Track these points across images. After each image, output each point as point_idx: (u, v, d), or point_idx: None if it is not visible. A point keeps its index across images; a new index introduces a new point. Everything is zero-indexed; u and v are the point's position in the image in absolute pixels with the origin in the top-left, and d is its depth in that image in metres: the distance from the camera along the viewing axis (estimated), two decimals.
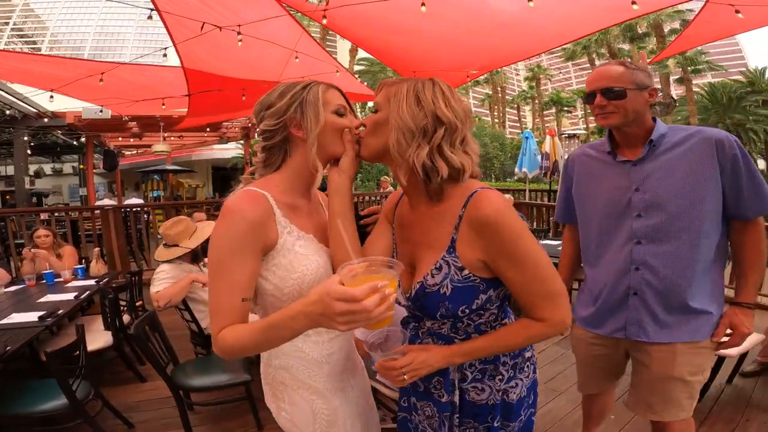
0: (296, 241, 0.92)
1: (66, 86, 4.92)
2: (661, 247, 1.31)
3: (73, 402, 1.89)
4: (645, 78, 1.31)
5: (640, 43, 23.17)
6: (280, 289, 0.90)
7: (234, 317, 0.83)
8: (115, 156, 11.47)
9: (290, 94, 0.94)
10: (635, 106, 1.30)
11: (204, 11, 3.51)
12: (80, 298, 2.99)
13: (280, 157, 0.98)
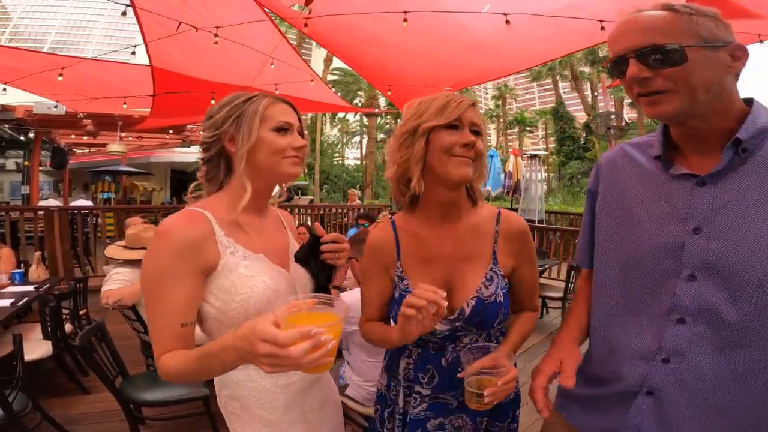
0: (241, 261, 0.87)
1: (21, 79, 4.62)
2: (722, 338, 0.73)
3: (9, 414, 1.75)
4: (717, 28, 0.72)
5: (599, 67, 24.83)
6: (224, 312, 0.85)
7: (172, 343, 0.79)
8: (65, 154, 10.76)
9: (230, 105, 0.90)
10: (708, 76, 0.72)
11: (182, 10, 3.44)
12: (17, 305, 2.77)
13: (221, 171, 0.94)
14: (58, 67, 4.34)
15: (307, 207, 9.83)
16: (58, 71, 4.31)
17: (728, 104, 0.75)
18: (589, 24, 3.70)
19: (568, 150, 27.82)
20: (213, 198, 0.94)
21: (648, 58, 0.72)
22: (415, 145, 0.94)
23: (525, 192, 7.81)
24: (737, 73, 0.76)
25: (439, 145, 0.93)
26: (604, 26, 3.67)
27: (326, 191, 25.79)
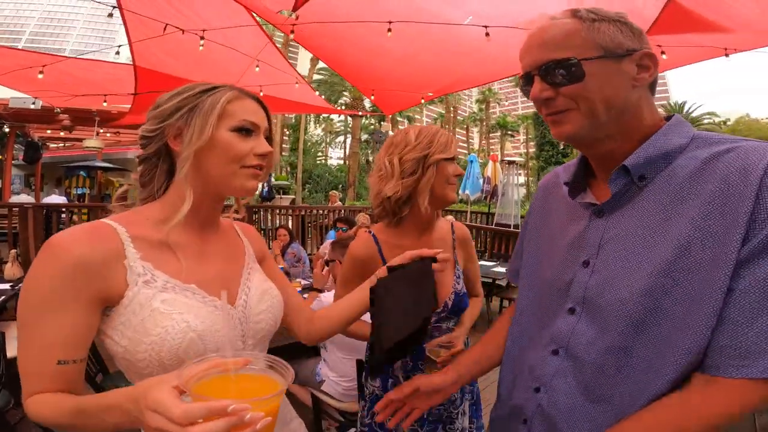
0: (158, 294, 0.68)
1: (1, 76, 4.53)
2: (584, 374, 0.69)
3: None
4: (621, 34, 0.65)
5: None
6: (132, 354, 0.66)
7: (46, 383, 0.63)
8: (39, 148, 10.45)
9: (184, 96, 0.73)
10: (608, 92, 0.65)
11: (169, 12, 3.46)
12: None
13: (161, 177, 0.76)
14: (39, 64, 4.28)
15: (288, 208, 9.83)
16: (39, 69, 4.25)
17: (635, 123, 0.68)
18: None
19: (548, 155, 28.51)
20: (141, 209, 0.76)
21: (548, 75, 0.66)
22: (426, 172, 1.11)
23: (502, 197, 8.03)
24: (650, 85, 0.69)
25: (444, 174, 1.13)
26: None
27: (308, 191, 25.70)
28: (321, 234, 7.74)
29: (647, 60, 0.66)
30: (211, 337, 0.69)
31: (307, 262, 4.46)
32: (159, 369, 0.66)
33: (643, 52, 0.66)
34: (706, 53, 3.95)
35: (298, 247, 4.56)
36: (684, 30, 3.48)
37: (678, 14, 3.21)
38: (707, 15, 3.25)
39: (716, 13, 3.20)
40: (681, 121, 0.70)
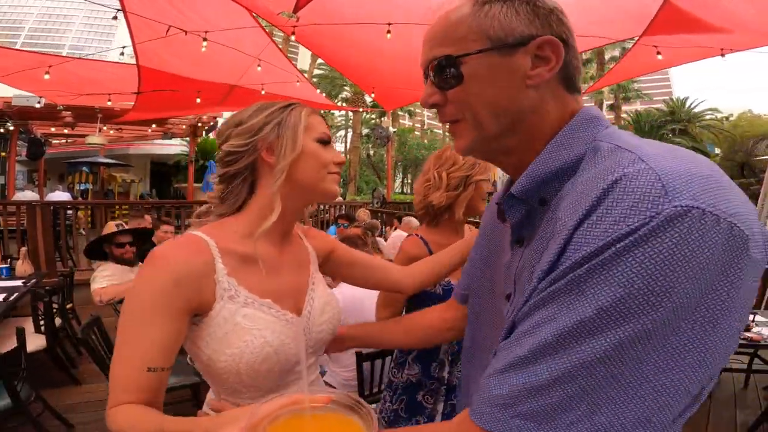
0: (240, 309, 0.71)
1: (7, 76, 4.62)
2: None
3: (18, 403, 1.88)
4: (516, 18, 0.52)
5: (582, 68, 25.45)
6: (214, 362, 0.70)
7: (133, 392, 0.64)
8: (42, 144, 10.50)
9: (267, 112, 0.77)
10: (491, 95, 0.53)
11: (172, 14, 3.52)
12: (10, 300, 2.85)
13: (244, 191, 0.78)
14: (44, 65, 4.35)
15: None
16: (45, 69, 4.32)
17: (536, 132, 0.54)
18: None
19: None
20: (225, 222, 0.77)
21: (434, 76, 0.55)
22: (467, 189, 1.36)
23: None
24: (563, 77, 0.53)
25: (480, 191, 1.38)
26: None
27: None
28: (322, 229, 7.84)
29: (547, 49, 0.50)
30: (283, 350, 0.73)
31: None
32: (236, 377, 0.71)
33: (542, 39, 0.50)
34: (703, 53, 4.01)
35: None
36: (681, 30, 3.53)
37: (674, 15, 3.27)
38: (703, 16, 3.30)
39: (712, 14, 3.26)
40: (581, 123, 0.53)
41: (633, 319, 0.37)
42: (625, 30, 4.05)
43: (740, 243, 0.37)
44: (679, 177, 0.37)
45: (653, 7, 3.27)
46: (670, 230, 0.36)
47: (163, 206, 6.76)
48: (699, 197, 0.36)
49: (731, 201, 0.37)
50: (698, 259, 0.36)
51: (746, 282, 0.38)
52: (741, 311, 0.39)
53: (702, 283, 0.36)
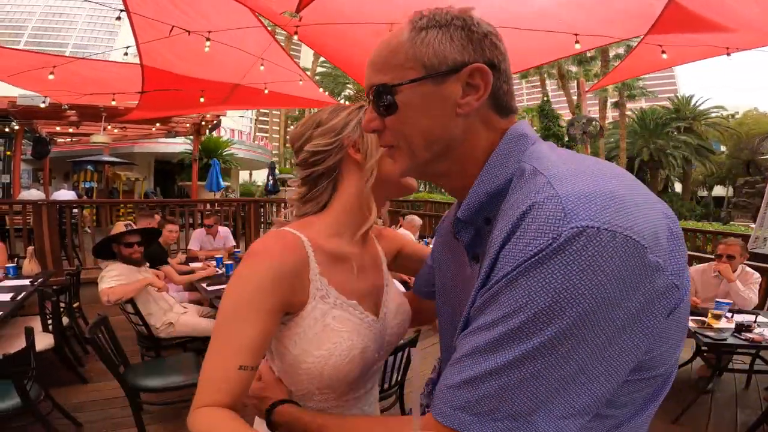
0: (331, 310, 0.70)
1: (12, 76, 4.65)
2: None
3: (27, 402, 1.90)
4: (450, 44, 0.53)
5: (587, 66, 25.13)
6: (299, 362, 0.69)
7: (220, 390, 0.61)
8: (47, 143, 10.60)
9: (346, 112, 0.76)
10: (424, 126, 0.55)
11: (174, 14, 3.53)
12: (18, 300, 2.89)
13: (329, 190, 0.77)
14: (49, 65, 4.38)
15: None
16: (49, 69, 4.35)
17: (468, 160, 0.56)
18: (564, 37, 3.94)
19: None
20: (312, 220, 0.76)
21: (374, 102, 0.57)
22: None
23: None
24: (494, 101, 0.54)
25: None
26: (578, 40, 3.91)
27: None
28: None
29: (477, 77, 0.52)
30: (367, 353, 0.73)
31: None
32: (317, 379, 0.70)
33: (473, 67, 0.52)
34: (708, 52, 3.98)
35: None
36: (686, 29, 3.51)
37: (679, 14, 3.25)
38: (708, 15, 3.28)
39: (717, 13, 3.23)
40: (509, 144, 0.54)
41: (539, 332, 0.41)
42: (629, 29, 4.03)
43: (637, 253, 0.40)
44: (579, 199, 0.41)
45: (658, 7, 3.26)
46: (568, 249, 0.40)
47: (168, 205, 6.78)
48: (595, 216, 0.40)
49: (630, 215, 0.41)
50: (597, 273, 0.39)
51: (652, 288, 0.42)
52: (651, 316, 0.42)
53: (605, 294, 0.40)
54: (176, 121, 10.40)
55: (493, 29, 0.55)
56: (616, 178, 0.45)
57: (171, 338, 2.99)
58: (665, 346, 0.47)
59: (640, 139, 26.04)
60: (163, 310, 3.05)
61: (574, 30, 3.87)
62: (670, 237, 0.44)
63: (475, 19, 0.54)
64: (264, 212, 7.66)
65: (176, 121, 10.40)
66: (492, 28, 0.55)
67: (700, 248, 7.13)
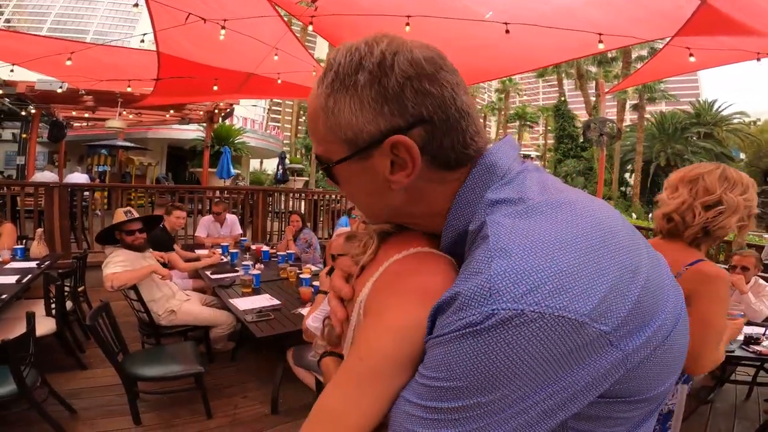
0: None
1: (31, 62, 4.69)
2: None
3: (23, 389, 1.89)
4: (362, 111, 0.46)
5: (607, 67, 24.62)
6: None
7: None
8: (63, 127, 10.72)
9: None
10: (366, 198, 0.54)
11: (191, 1, 3.49)
12: (23, 283, 2.89)
13: None
14: (67, 51, 4.39)
15: (302, 191, 9.94)
16: (67, 55, 4.36)
17: (422, 215, 0.52)
18: (588, 35, 3.81)
19: (566, 148, 27.95)
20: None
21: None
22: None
23: None
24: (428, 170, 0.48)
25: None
26: (602, 40, 3.78)
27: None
28: (332, 219, 7.81)
29: (402, 151, 0.46)
30: None
31: (318, 248, 4.54)
32: None
33: (392, 141, 0.45)
34: (738, 56, 3.83)
35: (309, 232, 4.64)
36: (716, 32, 3.37)
37: (711, 16, 3.10)
38: (741, 18, 3.13)
39: (751, 16, 3.09)
40: (471, 189, 0.49)
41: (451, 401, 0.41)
42: (656, 30, 3.88)
43: (573, 332, 0.38)
44: (511, 277, 0.39)
45: (688, 8, 3.11)
46: (491, 331, 0.38)
47: (177, 191, 6.80)
48: (521, 298, 0.38)
49: (570, 292, 0.38)
50: (520, 356, 0.38)
51: (600, 361, 0.40)
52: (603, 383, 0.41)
53: (532, 376, 0.39)
54: (190, 108, 10.45)
55: (414, 73, 0.45)
56: (573, 245, 0.41)
57: (172, 326, 2.98)
58: (643, 381, 0.45)
59: (658, 143, 25.51)
60: (166, 297, 3.04)
61: (598, 29, 3.73)
62: (636, 298, 0.41)
63: (388, 63, 0.44)
64: (272, 201, 7.64)
65: (190, 108, 10.45)
66: (413, 70, 0.45)
67: (712, 257, 6.97)
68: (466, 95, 0.48)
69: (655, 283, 0.44)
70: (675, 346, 0.46)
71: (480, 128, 0.50)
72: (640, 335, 0.42)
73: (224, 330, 3.15)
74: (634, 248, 0.44)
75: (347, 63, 0.46)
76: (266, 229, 7.08)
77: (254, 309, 2.69)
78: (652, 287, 0.43)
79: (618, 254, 0.42)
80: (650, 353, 0.43)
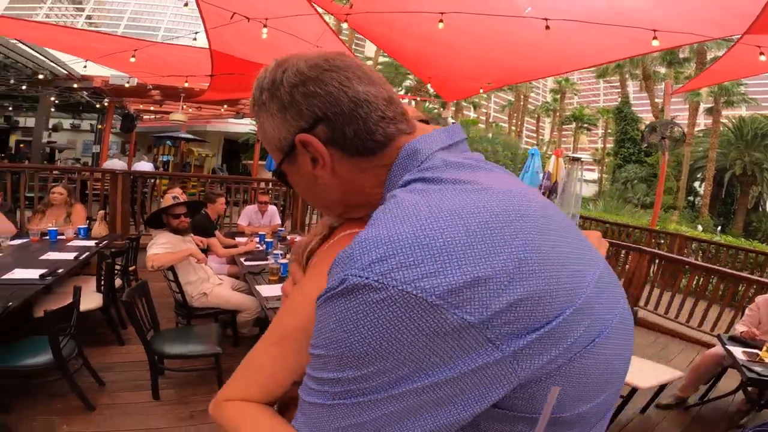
0: None
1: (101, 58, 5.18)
2: None
3: (59, 359, 2.05)
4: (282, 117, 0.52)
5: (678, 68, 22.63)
6: None
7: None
8: (134, 119, 11.75)
9: None
10: (309, 196, 0.59)
11: (235, 1, 3.68)
12: (79, 260, 3.18)
13: None
14: (131, 49, 4.81)
15: None
16: (131, 52, 4.77)
17: (367, 203, 0.55)
18: (639, 32, 3.53)
19: (627, 153, 26.05)
20: None
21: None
22: None
23: (561, 194, 7.57)
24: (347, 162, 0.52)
25: None
26: (656, 36, 3.50)
27: None
28: None
29: (310, 149, 0.51)
30: None
31: None
32: None
33: (299, 140, 0.50)
34: None
35: None
36: None
37: None
38: None
39: None
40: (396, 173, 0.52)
41: (325, 371, 0.41)
42: (722, 27, 3.52)
43: (419, 309, 0.36)
44: (365, 245, 0.39)
45: (757, 3, 2.80)
46: (343, 297, 0.39)
47: (225, 181, 7.25)
48: (368, 267, 0.38)
49: (422, 267, 0.37)
50: (362, 327, 0.38)
51: (453, 344, 0.37)
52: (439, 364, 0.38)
53: (384, 353, 0.38)
54: (243, 103, 10.98)
55: (295, 79, 0.50)
56: (451, 223, 0.39)
57: (203, 308, 3.17)
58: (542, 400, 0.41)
59: (734, 151, 23.00)
60: (201, 279, 3.23)
61: (652, 25, 3.45)
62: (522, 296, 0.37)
63: (278, 79, 0.51)
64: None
65: (243, 103, 10.98)
66: (300, 72, 0.50)
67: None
68: (365, 85, 0.51)
69: (564, 285, 0.40)
70: (600, 359, 0.42)
71: (391, 114, 0.52)
72: (528, 338, 0.38)
73: (250, 315, 3.29)
74: (539, 244, 0.40)
75: (256, 88, 0.54)
76: (305, 221, 7.32)
77: (276, 296, 2.80)
78: (555, 289, 0.39)
79: (508, 245, 0.39)
80: (562, 364, 0.40)
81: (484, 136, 32.07)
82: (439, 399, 0.38)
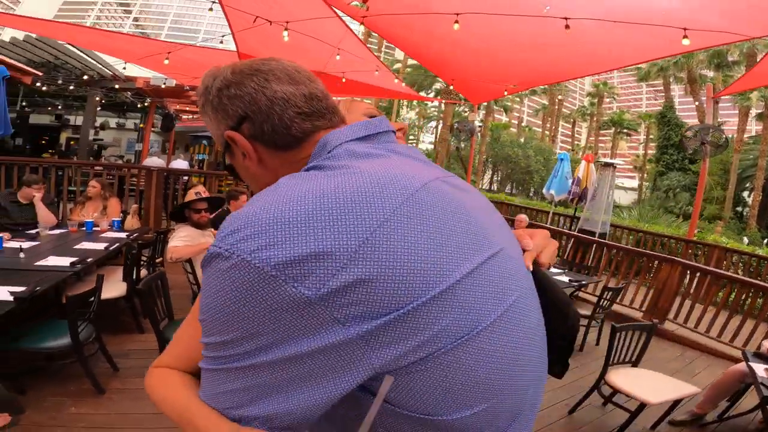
0: None
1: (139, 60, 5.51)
2: None
3: (76, 342, 2.18)
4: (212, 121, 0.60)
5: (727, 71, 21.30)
6: None
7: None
8: (173, 119, 12.35)
9: None
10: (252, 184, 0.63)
11: (258, 6, 3.82)
12: (109, 250, 3.38)
13: None
14: (165, 51, 5.09)
15: None
16: (165, 55, 5.05)
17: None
18: (671, 32, 3.37)
19: (670, 159, 24.67)
20: None
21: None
22: None
23: (591, 201, 7.29)
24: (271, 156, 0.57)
25: None
26: (687, 35, 3.33)
27: None
28: None
29: (239, 143, 0.56)
30: None
31: None
32: None
33: (227, 137, 0.57)
34: None
35: None
36: None
37: None
38: None
39: None
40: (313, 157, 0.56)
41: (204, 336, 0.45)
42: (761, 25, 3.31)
43: (260, 279, 0.38)
44: (229, 220, 0.43)
45: None
46: (205, 265, 0.43)
47: None
48: (224, 238, 0.41)
49: (262, 238, 0.39)
50: (220, 294, 0.41)
51: (310, 333, 0.38)
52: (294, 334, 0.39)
53: (224, 311, 0.41)
54: None
55: (218, 84, 0.57)
56: (305, 200, 0.41)
57: None
58: (419, 395, 0.40)
59: None
60: None
61: (681, 24, 3.29)
62: (363, 276, 0.38)
63: (209, 85, 0.58)
64: None
65: None
66: (226, 78, 0.57)
67: None
68: (283, 84, 0.55)
69: (419, 272, 0.39)
70: (481, 357, 0.40)
71: (308, 110, 0.56)
72: (376, 321, 0.37)
73: None
74: (393, 227, 0.40)
75: (196, 95, 0.63)
76: None
77: None
78: (405, 274, 0.38)
79: (355, 225, 0.39)
80: (429, 356, 0.38)
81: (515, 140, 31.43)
82: (303, 375, 0.39)
